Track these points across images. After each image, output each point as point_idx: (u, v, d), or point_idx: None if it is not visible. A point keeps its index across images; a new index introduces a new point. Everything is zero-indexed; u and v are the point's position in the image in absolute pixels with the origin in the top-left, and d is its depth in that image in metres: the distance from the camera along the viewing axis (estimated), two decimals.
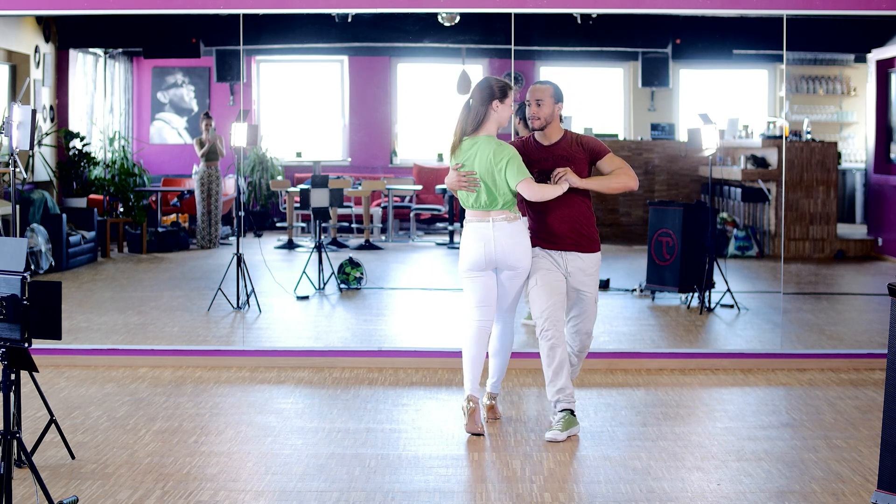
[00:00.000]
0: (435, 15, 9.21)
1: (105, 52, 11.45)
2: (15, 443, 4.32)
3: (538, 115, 5.69)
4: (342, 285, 9.66)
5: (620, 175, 5.65)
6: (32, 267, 9.82)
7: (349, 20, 9.15)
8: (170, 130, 11.73)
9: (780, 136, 11.43)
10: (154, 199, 11.58)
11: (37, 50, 10.64)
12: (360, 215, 11.56)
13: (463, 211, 5.71)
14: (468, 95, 5.59)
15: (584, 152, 5.69)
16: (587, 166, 5.70)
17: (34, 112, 5.44)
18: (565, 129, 5.77)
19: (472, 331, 5.67)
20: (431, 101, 12.43)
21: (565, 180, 5.54)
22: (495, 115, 5.56)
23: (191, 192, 11.33)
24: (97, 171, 11.36)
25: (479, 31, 10.57)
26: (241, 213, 9.77)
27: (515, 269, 5.58)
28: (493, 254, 5.53)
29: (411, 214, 11.72)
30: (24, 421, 5.68)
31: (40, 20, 10.65)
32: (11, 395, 4.29)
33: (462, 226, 5.70)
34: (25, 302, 4.03)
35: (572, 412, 5.62)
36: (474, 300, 5.67)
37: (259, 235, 11.46)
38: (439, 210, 11.73)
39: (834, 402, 6.37)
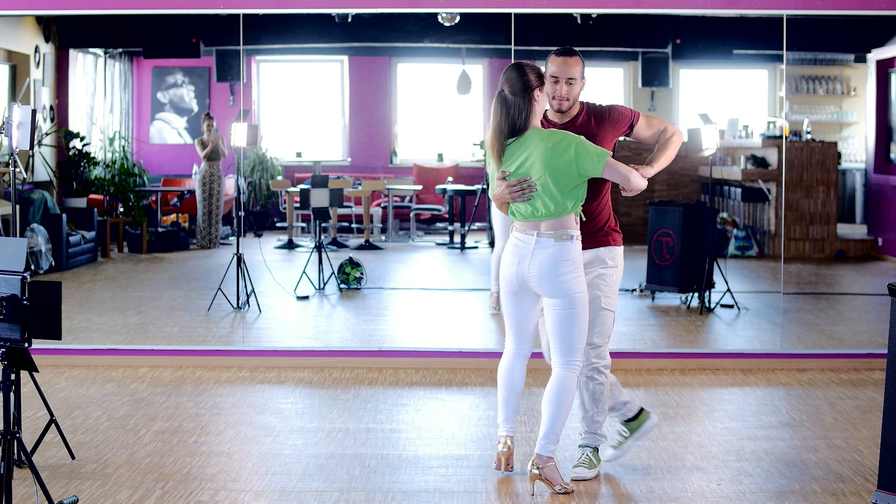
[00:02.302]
0: (435, 15, 9.22)
1: (105, 52, 11.45)
2: (15, 443, 4.32)
3: (568, 96, 4.82)
4: (342, 285, 9.66)
5: (673, 138, 4.90)
6: (32, 267, 9.82)
7: (349, 20, 9.15)
8: (170, 130, 11.73)
9: (780, 136, 11.43)
10: (154, 199, 11.58)
11: (37, 50, 10.64)
12: (360, 215, 11.56)
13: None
14: (502, 88, 4.70)
15: (609, 125, 4.91)
16: (612, 142, 4.95)
17: (34, 112, 5.44)
18: (580, 102, 4.95)
19: (504, 358, 5.02)
20: (431, 101, 12.43)
21: (641, 175, 4.75)
22: (538, 106, 4.67)
23: (191, 192, 11.33)
24: (97, 171, 11.36)
25: (479, 31, 10.57)
26: (241, 213, 9.77)
27: (557, 300, 4.66)
28: (526, 274, 4.68)
29: (411, 214, 11.72)
30: (24, 421, 5.68)
31: (40, 20, 10.65)
32: (11, 395, 4.29)
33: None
34: (25, 302, 4.03)
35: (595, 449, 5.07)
36: (508, 324, 4.96)
37: (259, 235, 11.46)
38: (439, 210, 11.73)
39: (834, 402, 6.37)
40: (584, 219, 4.79)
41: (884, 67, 11.95)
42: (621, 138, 5.07)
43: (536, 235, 4.65)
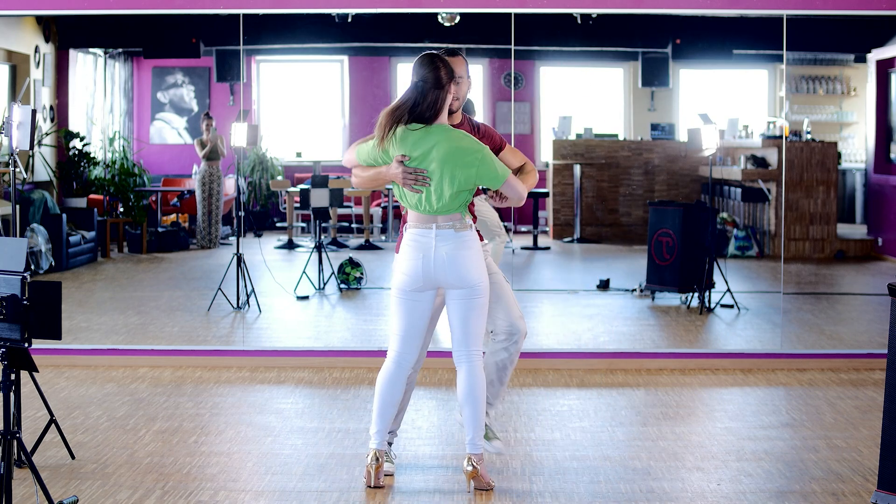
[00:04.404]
0: (435, 15, 9.21)
1: (105, 52, 11.45)
2: (15, 443, 4.32)
3: (458, 94, 4.80)
4: (342, 285, 9.66)
5: (532, 174, 4.91)
6: (32, 267, 9.82)
7: (349, 20, 9.15)
8: (170, 130, 11.74)
9: (780, 136, 11.43)
10: (154, 199, 11.59)
11: (37, 50, 10.64)
12: (360, 215, 11.56)
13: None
14: (416, 77, 4.63)
15: (485, 140, 4.87)
16: None
17: (34, 112, 5.44)
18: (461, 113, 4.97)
19: (385, 366, 4.79)
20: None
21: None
22: (448, 100, 4.65)
23: (191, 192, 11.33)
24: (97, 171, 11.37)
25: (479, 31, 10.57)
26: (241, 213, 9.77)
27: (463, 289, 4.65)
28: (433, 270, 4.62)
29: None
30: (24, 421, 5.68)
31: (40, 20, 10.65)
32: (11, 395, 4.29)
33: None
34: (25, 302, 4.03)
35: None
36: (397, 328, 4.75)
37: (259, 235, 11.46)
38: None
39: (834, 402, 6.37)
40: (472, 217, 4.78)
41: (884, 67, 11.95)
42: None
43: (436, 228, 4.62)
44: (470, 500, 4.67)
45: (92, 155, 11.30)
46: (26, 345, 4.05)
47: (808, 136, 11.99)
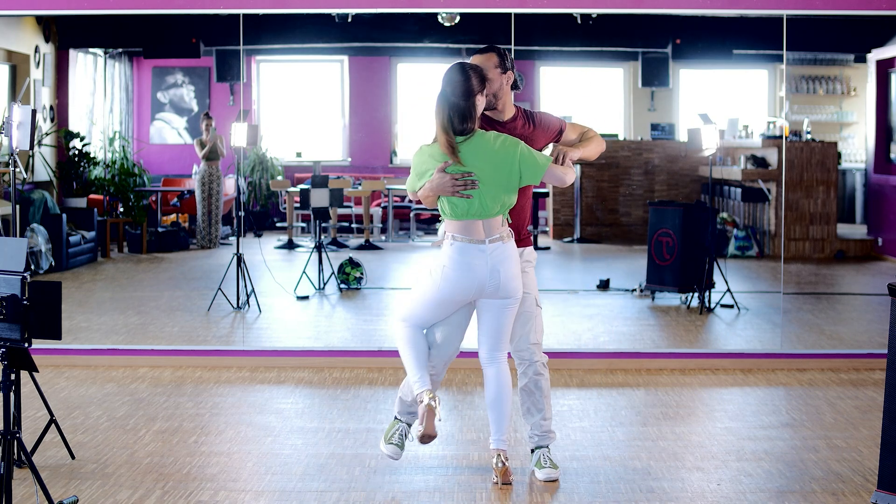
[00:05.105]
0: (435, 15, 9.21)
1: (105, 52, 11.45)
2: (15, 443, 4.32)
3: (491, 90, 4.85)
4: (342, 285, 9.66)
5: (597, 138, 4.96)
6: (32, 267, 9.82)
7: (349, 20, 9.15)
8: (170, 130, 11.74)
9: (780, 136, 11.44)
10: (154, 199, 11.59)
11: (37, 50, 10.64)
12: (360, 215, 11.56)
13: None
14: (445, 89, 4.76)
15: (541, 130, 4.92)
16: (544, 146, 4.98)
17: (34, 112, 5.44)
18: (515, 105, 5.00)
19: (404, 332, 4.84)
20: (431, 101, 12.43)
21: (570, 158, 4.81)
22: (480, 109, 4.74)
23: (191, 192, 11.33)
24: (97, 171, 11.37)
25: (479, 31, 10.57)
26: (241, 213, 9.77)
27: (508, 299, 4.74)
28: (486, 285, 4.68)
29: (411, 214, 11.72)
30: (24, 421, 5.68)
31: (40, 20, 10.65)
32: (11, 395, 4.29)
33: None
34: (25, 302, 4.03)
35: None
36: (424, 313, 4.81)
37: (259, 235, 11.46)
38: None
39: (834, 402, 6.38)
40: (510, 220, 4.84)
41: (884, 67, 11.95)
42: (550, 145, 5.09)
43: (488, 241, 4.67)
44: (470, 501, 4.67)
45: (92, 155, 11.30)
46: (26, 345, 4.05)
47: (808, 136, 12.00)
